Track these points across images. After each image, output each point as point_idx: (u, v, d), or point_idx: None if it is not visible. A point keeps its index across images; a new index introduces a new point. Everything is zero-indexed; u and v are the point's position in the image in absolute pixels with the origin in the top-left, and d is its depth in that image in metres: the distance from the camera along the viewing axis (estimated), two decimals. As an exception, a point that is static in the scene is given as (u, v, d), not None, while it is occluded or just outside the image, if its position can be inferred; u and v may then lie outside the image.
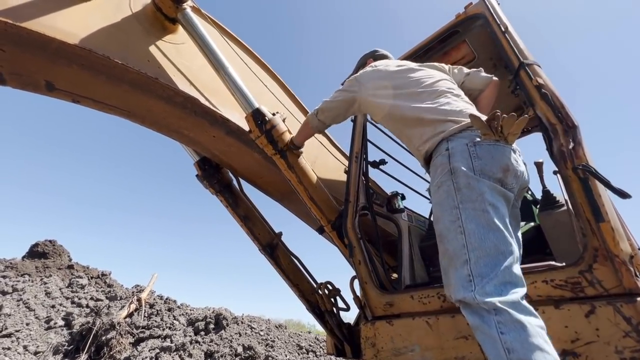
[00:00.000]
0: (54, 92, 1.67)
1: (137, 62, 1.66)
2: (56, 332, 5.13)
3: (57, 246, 8.95)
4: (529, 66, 1.49)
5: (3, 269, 7.22)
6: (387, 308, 1.67)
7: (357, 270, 1.85)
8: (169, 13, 1.81)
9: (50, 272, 7.32)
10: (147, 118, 1.96)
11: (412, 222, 2.55)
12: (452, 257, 1.08)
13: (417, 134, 1.40)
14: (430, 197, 1.30)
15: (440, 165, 1.22)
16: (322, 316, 2.53)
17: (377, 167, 2.39)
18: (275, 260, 2.54)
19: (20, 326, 5.07)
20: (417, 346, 1.47)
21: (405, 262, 2.20)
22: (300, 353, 6.66)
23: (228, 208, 2.52)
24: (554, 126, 1.31)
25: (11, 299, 5.78)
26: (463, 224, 1.08)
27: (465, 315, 1.01)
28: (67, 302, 6.10)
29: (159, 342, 5.16)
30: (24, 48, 1.43)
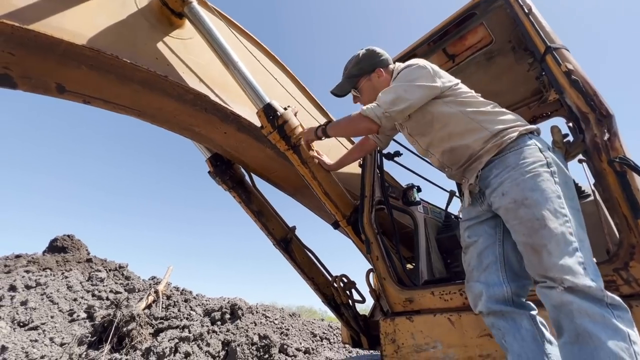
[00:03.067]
0: (65, 94, 1.65)
1: (145, 60, 1.63)
2: (79, 324, 5.32)
3: (75, 240, 9.20)
4: (556, 50, 1.40)
5: (26, 264, 7.48)
6: (407, 304, 1.65)
7: (375, 266, 1.83)
8: (175, 7, 1.76)
9: (70, 266, 7.55)
10: (157, 117, 1.94)
11: (428, 214, 2.50)
12: (560, 242, 1.05)
13: (494, 119, 1.33)
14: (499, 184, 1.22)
15: (531, 156, 1.20)
16: (337, 308, 2.54)
17: (392, 159, 2.34)
18: (290, 255, 2.54)
19: (45, 319, 5.27)
20: (440, 343, 1.45)
21: (422, 255, 2.17)
22: (314, 340, 6.79)
23: (241, 204, 2.51)
24: (586, 115, 1.23)
25: (35, 293, 5.99)
26: (568, 214, 1.09)
27: (573, 302, 0.98)
28: (87, 295, 6.30)
29: (177, 333, 5.30)
30: (33, 51, 1.41)
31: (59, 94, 1.64)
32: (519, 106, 3.06)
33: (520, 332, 1.14)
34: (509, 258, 1.26)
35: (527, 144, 1.24)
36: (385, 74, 1.64)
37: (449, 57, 2.41)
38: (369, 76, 1.65)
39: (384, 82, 1.62)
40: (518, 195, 1.15)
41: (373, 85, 1.64)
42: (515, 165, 1.20)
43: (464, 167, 1.40)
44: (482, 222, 1.35)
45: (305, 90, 2.59)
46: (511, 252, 1.27)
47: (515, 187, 1.16)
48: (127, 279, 7.56)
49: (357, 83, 1.68)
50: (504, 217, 1.21)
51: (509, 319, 1.17)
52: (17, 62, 1.43)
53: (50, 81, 1.57)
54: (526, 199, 1.13)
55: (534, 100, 2.98)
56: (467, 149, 1.35)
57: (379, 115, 1.44)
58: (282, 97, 2.23)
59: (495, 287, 1.21)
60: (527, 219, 1.11)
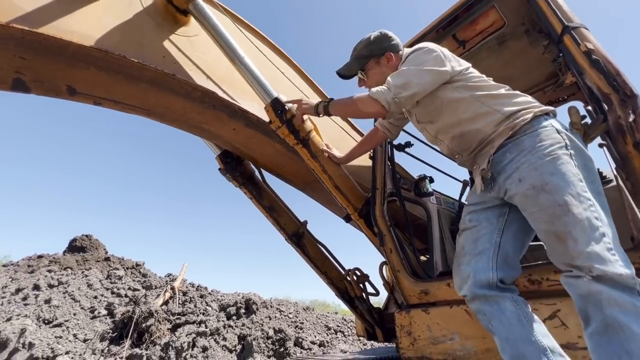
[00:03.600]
0: (76, 96, 1.67)
1: (153, 59, 1.63)
2: (100, 320, 5.49)
3: (93, 240, 9.46)
4: (574, 30, 1.34)
5: (48, 264, 7.74)
6: (422, 296, 1.63)
7: (389, 259, 1.81)
8: (179, 4, 1.75)
9: (90, 265, 7.78)
10: (166, 115, 1.95)
11: (442, 204, 2.46)
12: (586, 227, 1.00)
13: (507, 101, 1.28)
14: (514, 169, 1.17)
15: (548, 138, 1.14)
16: (351, 302, 2.53)
17: (402, 151, 2.30)
18: (302, 249, 2.54)
19: (68, 316, 5.46)
20: (457, 335, 1.43)
21: (436, 246, 2.14)
22: (328, 334, 6.84)
23: (252, 200, 2.52)
24: (608, 96, 1.17)
25: (58, 291, 6.20)
26: (592, 198, 1.05)
27: (602, 291, 0.94)
28: (107, 292, 6.49)
29: (194, 328, 5.42)
30: (43, 54, 1.42)
31: (70, 96, 1.66)
32: (533, 91, 2.96)
33: (505, 314, 1.13)
34: (504, 248, 1.23)
35: (542, 125, 1.18)
36: (394, 59, 1.58)
37: (459, 43, 2.34)
38: (378, 59, 1.58)
39: (393, 67, 1.56)
40: (537, 181, 1.09)
41: (381, 69, 1.58)
42: (532, 148, 1.15)
43: (475, 152, 1.35)
44: (486, 209, 1.31)
45: (312, 83, 2.56)
46: (508, 243, 1.24)
47: (533, 172, 1.11)
48: (144, 276, 7.75)
49: (365, 65, 1.61)
50: (521, 205, 1.16)
51: (492, 302, 1.16)
52: (29, 66, 1.45)
53: (61, 84, 1.59)
54: (546, 184, 1.07)
55: (549, 84, 2.88)
56: (478, 134, 1.30)
57: (388, 100, 1.35)
58: (289, 91, 2.21)
59: (482, 273, 1.19)
60: (548, 206, 1.06)
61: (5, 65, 1.41)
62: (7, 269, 7.49)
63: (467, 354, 1.36)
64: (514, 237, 1.24)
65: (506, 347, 1.10)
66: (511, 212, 1.26)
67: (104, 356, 4.70)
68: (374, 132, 1.96)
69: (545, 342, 1.06)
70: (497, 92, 1.32)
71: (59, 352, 4.47)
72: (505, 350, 1.10)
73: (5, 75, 1.45)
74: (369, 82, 1.63)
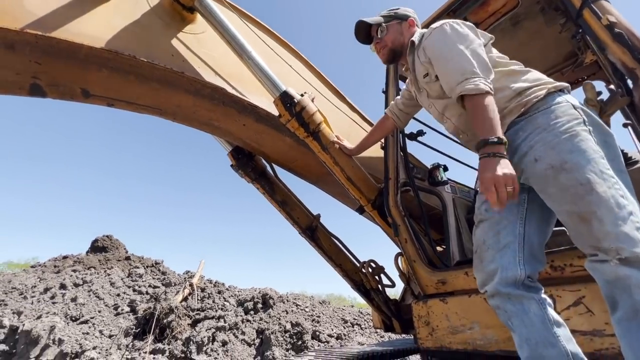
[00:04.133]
0: (90, 98, 1.71)
1: (161, 58, 1.64)
2: (124, 317, 5.68)
3: (114, 240, 9.77)
4: (594, 3, 1.27)
5: (72, 264, 8.05)
6: (440, 286, 1.61)
7: (404, 249, 1.79)
8: (186, 2, 1.75)
9: (111, 264, 8.05)
10: (178, 114, 1.97)
11: (457, 193, 2.41)
12: (612, 207, 0.95)
13: (518, 77, 1.22)
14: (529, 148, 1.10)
15: (565, 114, 1.08)
16: (367, 294, 2.53)
17: (415, 140, 2.26)
18: (316, 243, 2.55)
19: (93, 313, 5.67)
20: (476, 324, 1.40)
21: (452, 236, 2.10)
22: (345, 327, 6.87)
23: (265, 195, 2.53)
24: (633, 71, 1.11)
25: (82, 290, 6.44)
26: (615, 176, 1.00)
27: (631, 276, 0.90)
28: (129, 290, 6.70)
29: (213, 323, 5.54)
30: (57, 58, 1.45)
31: (85, 99, 1.70)
32: (550, 73, 2.85)
33: (528, 316, 1.07)
34: (529, 238, 1.15)
35: (557, 101, 1.12)
36: (415, 27, 1.57)
37: (470, 26, 2.27)
38: (401, 21, 1.57)
39: (411, 34, 1.54)
40: (555, 160, 1.04)
41: (401, 30, 1.56)
42: (547, 125, 1.09)
43: None
44: None
45: (321, 75, 2.54)
46: (533, 233, 1.16)
47: (550, 151, 1.05)
48: (164, 274, 7.95)
49: (389, 22, 1.58)
50: (539, 186, 1.10)
51: (516, 302, 1.09)
52: (44, 70, 1.49)
53: (76, 87, 1.63)
54: (565, 162, 1.02)
55: (568, 64, 2.77)
56: None
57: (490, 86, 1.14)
58: (298, 84, 2.19)
59: (510, 269, 1.10)
60: (569, 185, 1.00)
61: (22, 71, 1.45)
62: (36, 270, 7.83)
63: (487, 342, 1.34)
64: (537, 226, 1.17)
65: (525, 346, 1.06)
66: (530, 197, 1.19)
67: (128, 351, 4.87)
68: (384, 119, 1.93)
69: (569, 348, 1.02)
70: (509, 68, 1.26)
71: (87, 348, 4.65)
72: (523, 349, 1.06)
73: (23, 80, 1.50)
74: (386, 37, 1.57)
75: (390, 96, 2.17)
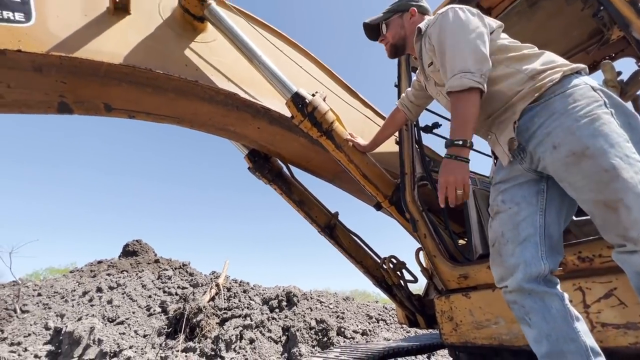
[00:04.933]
0: (112, 112, 1.80)
1: (175, 68, 1.70)
2: (156, 317, 5.95)
3: (144, 244, 10.22)
4: (616, -22, 1.20)
5: (107, 268, 8.50)
6: (462, 281, 1.58)
7: (424, 244, 1.77)
8: (196, 12, 1.80)
9: (142, 267, 8.42)
10: (195, 121, 2.04)
11: (477, 184, 2.35)
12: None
13: (531, 61, 1.17)
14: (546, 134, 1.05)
15: (583, 97, 1.03)
16: (390, 290, 2.52)
17: (430, 132, 2.22)
18: (336, 240, 2.56)
19: (128, 314, 5.97)
20: (501, 319, 1.37)
21: (474, 228, 2.05)
22: (370, 322, 6.86)
23: (283, 195, 2.56)
24: (661, 48, 1.04)
25: (117, 292, 6.79)
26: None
27: None
28: (159, 291, 7.00)
29: (240, 321, 5.69)
30: (80, 76, 1.54)
31: (108, 113, 1.79)
32: (574, 53, 2.71)
33: (550, 312, 1.03)
34: (549, 230, 1.10)
35: (574, 84, 1.06)
36: (417, 17, 1.52)
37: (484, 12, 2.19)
38: (402, 14, 1.54)
39: (413, 23, 1.50)
40: (576, 146, 0.98)
41: (402, 23, 1.53)
42: (564, 110, 1.03)
43: (492, 118, 1.23)
44: (520, 186, 1.17)
45: (331, 73, 2.54)
46: (553, 225, 1.11)
47: (569, 137, 1.00)
48: (191, 275, 8.23)
49: (389, 18, 1.56)
50: (559, 175, 1.04)
51: (537, 298, 1.05)
52: (70, 89, 1.58)
53: (99, 102, 1.72)
54: (587, 148, 0.96)
55: (593, 43, 2.61)
56: (497, 96, 1.18)
57: (478, 80, 1.11)
58: (309, 84, 2.20)
59: (534, 265, 1.06)
60: (593, 172, 0.95)
61: (50, 91, 1.55)
62: (74, 275, 8.33)
63: (514, 337, 1.31)
64: (557, 217, 1.12)
65: (544, 342, 1.02)
66: (550, 187, 1.14)
67: (162, 350, 5.10)
68: (395, 112, 1.90)
69: (587, 342, 1.00)
70: (520, 52, 1.20)
71: (124, 347, 4.91)
72: (541, 344, 1.03)
73: (51, 99, 1.60)
74: (387, 33, 1.56)
75: (403, 89, 2.14)
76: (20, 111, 1.59)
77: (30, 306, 6.43)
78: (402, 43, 1.54)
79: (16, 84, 1.46)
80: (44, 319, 5.88)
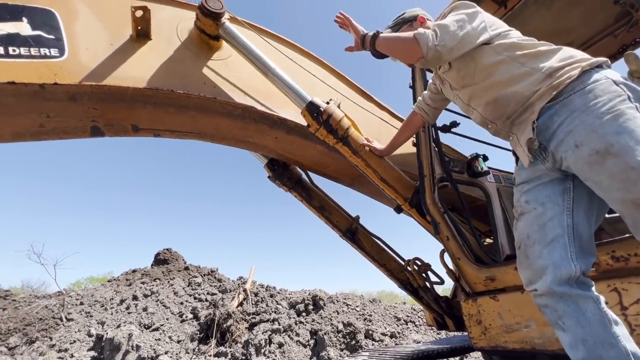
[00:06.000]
0: (139, 132, 1.91)
1: (195, 87, 1.78)
2: (188, 323, 6.17)
3: (173, 252, 10.64)
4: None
5: (141, 277, 8.91)
6: (489, 283, 1.54)
7: (447, 247, 1.74)
8: (211, 32, 1.88)
9: (173, 275, 8.76)
10: (215, 135, 2.12)
11: (501, 182, 2.28)
12: None
13: (547, 58, 1.14)
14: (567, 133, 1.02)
15: (605, 92, 0.99)
16: (415, 292, 2.49)
17: (449, 132, 2.18)
18: (358, 244, 2.56)
19: (162, 321, 6.23)
20: (533, 322, 1.32)
21: (500, 228, 2.00)
22: (399, 324, 6.76)
23: (303, 202, 2.60)
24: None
25: (151, 300, 7.11)
26: None
27: None
28: (190, 298, 7.26)
29: (269, 326, 5.79)
30: (109, 102, 1.65)
31: (135, 133, 1.90)
32: (600, 38, 2.57)
33: (585, 316, 0.98)
34: (578, 230, 1.05)
35: (595, 79, 1.01)
36: (427, 22, 1.54)
37: (499, 4, 2.13)
38: (411, 23, 1.56)
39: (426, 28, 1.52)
40: (599, 144, 0.94)
41: (414, 30, 1.55)
42: (585, 107, 0.99)
43: (511, 119, 1.20)
44: (544, 185, 1.13)
45: (344, 78, 2.56)
46: (582, 223, 1.06)
47: (592, 134, 0.96)
48: (219, 281, 8.47)
49: (398, 30, 1.58)
50: (584, 174, 1.01)
51: (570, 302, 1.00)
52: (100, 114, 1.70)
53: (127, 124, 1.83)
54: (611, 145, 0.92)
55: (621, 25, 2.47)
56: (514, 97, 1.16)
57: (430, 45, 1.22)
58: (323, 92, 2.23)
59: (564, 267, 1.02)
60: (619, 171, 0.91)
61: (83, 117, 1.67)
62: (111, 284, 8.80)
63: (547, 341, 1.26)
64: (586, 216, 1.08)
65: (581, 347, 0.98)
66: (576, 185, 1.10)
67: (195, 355, 5.28)
68: (412, 116, 1.89)
69: (629, 347, 0.95)
70: (536, 49, 1.17)
71: (160, 352, 5.13)
72: (577, 349, 0.99)
73: (85, 125, 1.72)
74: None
75: (418, 90, 2.12)
76: (59, 137, 1.72)
77: (74, 314, 6.86)
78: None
79: (54, 113, 1.58)
80: (86, 327, 6.26)
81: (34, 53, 1.42)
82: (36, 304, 7.02)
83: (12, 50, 1.38)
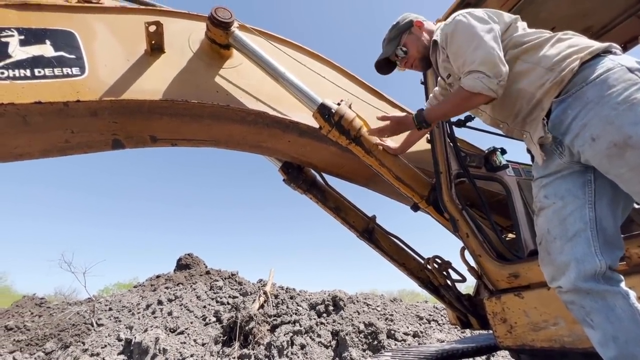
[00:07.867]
0: (158, 142, 1.97)
1: (208, 96, 1.83)
2: (212, 326, 6.30)
3: (195, 257, 10.90)
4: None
5: (164, 282, 9.17)
6: (512, 280, 1.49)
7: (467, 244, 1.70)
8: (221, 41, 1.92)
9: (195, 279, 8.97)
10: (230, 142, 2.16)
11: (521, 175, 2.21)
12: None
13: (547, 50, 1.11)
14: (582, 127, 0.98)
15: (619, 81, 0.94)
16: (437, 291, 2.45)
17: (464, 126, 2.13)
18: (376, 244, 2.55)
19: (187, 324, 6.39)
20: (561, 319, 1.28)
21: (522, 222, 1.94)
22: (421, 323, 6.66)
23: (319, 203, 2.61)
24: None
25: (176, 304, 7.30)
26: None
27: None
28: (212, 302, 7.41)
29: (290, 327, 5.83)
30: (128, 115, 1.72)
31: (153, 143, 1.97)
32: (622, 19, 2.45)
33: (614, 312, 0.93)
34: (601, 223, 1.00)
35: (607, 67, 0.97)
36: (425, 24, 1.52)
37: (509, -6, 2.07)
38: (410, 30, 1.54)
39: (427, 31, 1.50)
40: (616, 136, 0.90)
41: (417, 36, 1.52)
42: (599, 99, 0.95)
43: (522, 117, 1.17)
44: (563, 178, 1.08)
45: (355, 78, 2.55)
46: (606, 217, 1.01)
47: (608, 127, 0.92)
48: (240, 284, 8.60)
49: (399, 41, 1.55)
50: (603, 168, 0.97)
51: (597, 298, 0.96)
52: (120, 127, 1.77)
53: (145, 135, 1.90)
54: (630, 137, 0.88)
55: (646, 3, 2.34)
56: (521, 95, 1.13)
57: (492, 87, 1.13)
58: (334, 93, 2.24)
59: (587, 262, 0.97)
60: (639, 163, 0.87)
61: (104, 131, 1.74)
62: (137, 289, 9.10)
63: (577, 339, 1.21)
64: (610, 209, 1.03)
65: (611, 345, 0.94)
66: (598, 177, 1.05)
67: (220, 357, 5.39)
68: None
69: None
70: (536, 41, 1.13)
71: (186, 355, 5.27)
72: (608, 347, 0.95)
73: (106, 138, 1.80)
74: (410, 53, 1.55)
75: (429, 86, 2.09)
76: (83, 151, 1.81)
77: (104, 320, 7.14)
78: (428, 52, 1.52)
79: (78, 128, 1.66)
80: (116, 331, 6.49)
81: (57, 73, 1.50)
82: (69, 310, 7.36)
83: (38, 71, 1.45)
